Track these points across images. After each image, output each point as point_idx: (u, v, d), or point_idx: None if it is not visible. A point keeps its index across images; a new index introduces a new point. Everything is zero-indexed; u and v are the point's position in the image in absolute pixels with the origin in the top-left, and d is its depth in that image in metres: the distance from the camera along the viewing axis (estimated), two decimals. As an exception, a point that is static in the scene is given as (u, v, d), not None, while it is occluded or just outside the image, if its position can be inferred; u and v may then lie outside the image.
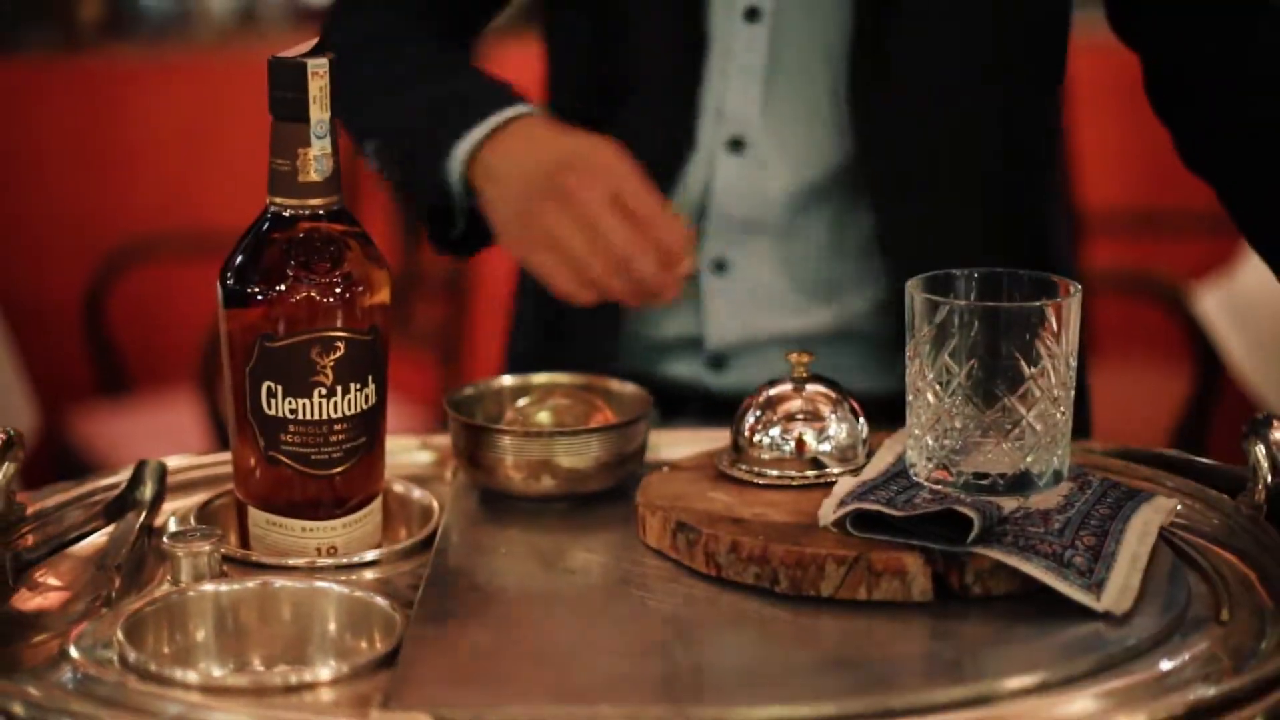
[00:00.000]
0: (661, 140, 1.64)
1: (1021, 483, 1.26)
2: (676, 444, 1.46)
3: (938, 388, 1.26)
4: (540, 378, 1.47)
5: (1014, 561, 1.17)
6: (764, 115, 1.64)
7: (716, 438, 1.41)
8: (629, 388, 1.44)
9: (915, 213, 1.64)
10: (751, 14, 1.63)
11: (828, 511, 1.24)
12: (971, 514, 1.18)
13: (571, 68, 1.74)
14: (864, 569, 1.18)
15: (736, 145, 1.65)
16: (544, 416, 1.40)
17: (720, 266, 1.68)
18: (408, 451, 1.49)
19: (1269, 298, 2.62)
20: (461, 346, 3.47)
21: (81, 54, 3.88)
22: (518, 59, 2.31)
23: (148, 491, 1.36)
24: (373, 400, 1.30)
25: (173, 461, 1.45)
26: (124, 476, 1.40)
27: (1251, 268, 2.68)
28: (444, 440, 1.47)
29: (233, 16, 4.08)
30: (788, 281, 1.68)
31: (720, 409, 1.47)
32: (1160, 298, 3.16)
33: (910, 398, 1.28)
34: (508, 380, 1.46)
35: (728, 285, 1.68)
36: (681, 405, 1.69)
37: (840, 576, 1.19)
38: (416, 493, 1.39)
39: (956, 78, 1.63)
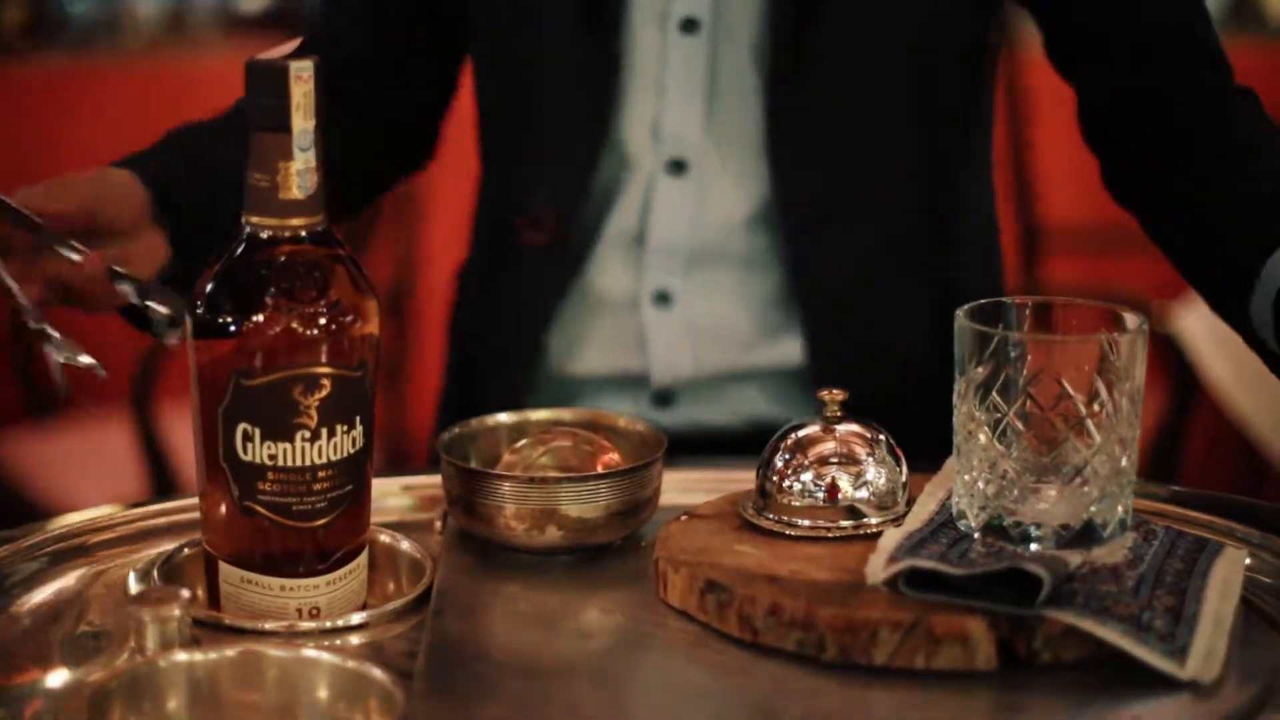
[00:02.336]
0: (590, 164, 1.54)
1: (1085, 534, 1.14)
2: (688, 487, 1.32)
3: (989, 429, 1.14)
4: (539, 414, 1.33)
5: (1089, 626, 1.05)
6: (706, 135, 1.53)
7: (734, 479, 1.28)
8: (638, 425, 1.30)
9: (827, 249, 1.55)
10: (689, 25, 1.51)
11: (877, 569, 1.11)
12: (1041, 572, 1.06)
13: (490, 95, 1.62)
14: (922, 635, 1.06)
15: (678, 167, 1.54)
16: (546, 460, 1.25)
17: (663, 299, 1.56)
18: (387, 495, 1.35)
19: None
20: (405, 369, 3.33)
21: (4, 61, 3.75)
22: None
23: None
24: (360, 443, 1.16)
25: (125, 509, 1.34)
26: (66, 524, 1.30)
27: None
28: (427, 481, 1.34)
29: (161, 22, 3.99)
30: (733, 315, 1.57)
31: (671, 449, 1.33)
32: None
33: (959, 440, 1.16)
34: (504, 418, 1.32)
35: (671, 319, 1.56)
36: None
37: (895, 643, 1.06)
38: (405, 544, 1.25)
39: (873, 106, 1.54)
